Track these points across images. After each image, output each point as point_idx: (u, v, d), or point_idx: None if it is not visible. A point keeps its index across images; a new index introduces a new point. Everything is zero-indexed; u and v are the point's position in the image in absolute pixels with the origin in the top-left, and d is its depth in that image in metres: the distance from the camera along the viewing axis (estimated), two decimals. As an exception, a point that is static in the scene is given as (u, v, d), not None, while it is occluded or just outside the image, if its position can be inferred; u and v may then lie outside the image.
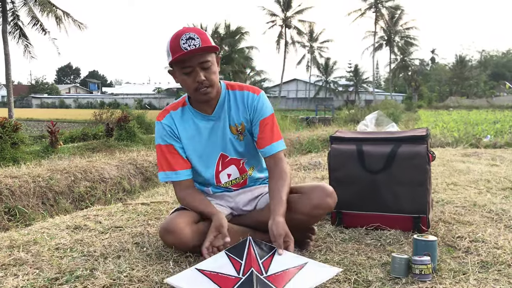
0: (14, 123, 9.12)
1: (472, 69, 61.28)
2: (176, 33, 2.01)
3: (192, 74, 1.99)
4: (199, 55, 1.97)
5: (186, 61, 1.97)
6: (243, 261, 1.80)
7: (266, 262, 1.81)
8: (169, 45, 2.01)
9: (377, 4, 47.62)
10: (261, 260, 1.82)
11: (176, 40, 1.97)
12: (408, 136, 2.52)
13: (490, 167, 4.90)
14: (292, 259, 1.85)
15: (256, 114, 2.17)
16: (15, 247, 2.23)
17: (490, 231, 2.38)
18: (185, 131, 2.17)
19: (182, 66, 1.99)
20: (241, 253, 1.86)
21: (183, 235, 2.00)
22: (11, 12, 18.38)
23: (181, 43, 1.95)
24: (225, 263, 1.80)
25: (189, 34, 1.97)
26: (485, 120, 16.57)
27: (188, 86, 2.03)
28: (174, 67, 2.05)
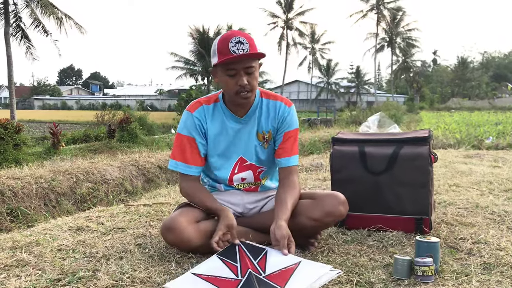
0: (16, 124, 9.13)
1: (474, 71, 61.22)
2: (225, 35, 2.04)
3: (235, 77, 2.02)
4: (245, 60, 2.00)
5: (232, 64, 2.00)
6: (238, 264, 1.80)
7: (261, 263, 1.81)
8: (216, 45, 2.04)
9: (378, 6, 47.58)
10: (256, 261, 1.82)
11: (225, 42, 2.00)
12: (410, 138, 2.52)
13: (492, 169, 4.90)
14: (285, 259, 1.85)
15: (283, 125, 2.23)
16: (18, 248, 2.23)
17: (492, 232, 2.38)
18: (213, 127, 2.19)
19: (227, 68, 2.02)
20: (234, 256, 1.86)
21: (184, 233, 2.00)
22: (13, 14, 18.42)
23: (230, 46, 1.98)
24: (220, 267, 1.80)
25: (238, 38, 1.99)
26: (487, 121, 16.54)
27: (230, 88, 2.05)
28: (218, 67, 2.07)
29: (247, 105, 2.15)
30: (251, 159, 2.24)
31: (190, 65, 34.79)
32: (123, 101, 51.52)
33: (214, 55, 2.05)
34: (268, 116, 2.22)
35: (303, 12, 46.61)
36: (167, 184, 5.67)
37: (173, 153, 2.20)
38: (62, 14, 18.66)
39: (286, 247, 1.89)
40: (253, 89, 2.07)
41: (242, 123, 2.19)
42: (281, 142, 2.23)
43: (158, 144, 10.83)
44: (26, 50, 19.13)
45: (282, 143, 2.23)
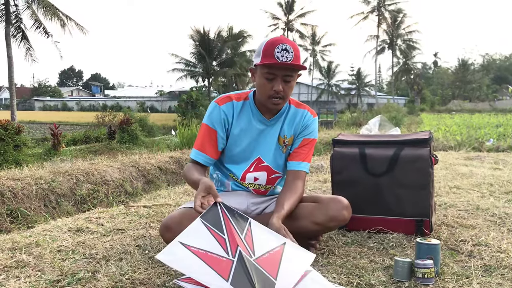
0: (16, 125, 9.14)
1: (474, 73, 61.24)
2: (274, 38, 2.08)
3: (272, 82, 2.04)
4: (286, 68, 2.03)
5: (273, 69, 2.03)
6: (226, 236, 1.74)
7: (248, 239, 1.75)
8: (263, 47, 2.06)
9: (379, 8, 47.63)
10: (242, 235, 1.76)
11: (272, 46, 2.03)
12: (411, 139, 2.52)
13: (493, 171, 4.89)
14: (270, 237, 1.82)
15: (304, 131, 2.26)
16: (17, 249, 2.23)
17: (493, 234, 2.37)
18: (238, 124, 2.20)
19: (267, 71, 2.04)
20: (219, 224, 1.78)
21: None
22: (14, 15, 18.45)
23: (276, 51, 2.00)
24: (208, 238, 1.72)
25: (285, 46, 2.02)
26: (488, 123, 16.55)
27: (264, 91, 2.08)
28: (258, 67, 2.09)
29: (276, 110, 2.18)
30: (268, 160, 2.25)
31: (191, 66, 34.82)
32: (124, 102, 51.53)
33: (258, 55, 2.08)
34: (293, 122, 2.25)
35: (304, 14, 46.67)
36: (167, 185, 5.67)
37: (197, 142, 2.22)
38: (63, 16, 18.69)
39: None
40: (286, 97, 2.10)
41: (267, 125, 2.22)
42: (298, 146, 2.26)
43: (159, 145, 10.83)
44: (25, 51, 19.15)
45: (298, 147, 2.25)
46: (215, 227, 1.75)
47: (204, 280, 1.58)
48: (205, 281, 1.57)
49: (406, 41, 51.28)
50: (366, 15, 47.80)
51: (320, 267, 1.94)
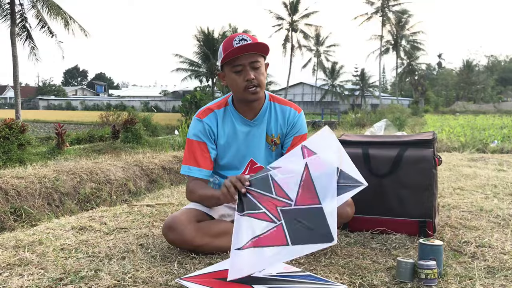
0: (21, 124, 9.16)
1: (479, 74, 61.03)
2: (229, 36, 2.12)
3: (242, 73, 2.06)
4: (250, 55, 2.05)
5: (237, 60, 2.04)
6: (264, 209, 1.78)
7: (279, 191, 1.79)
8: (222, 46, 2.09)
9: (383, 8, 47.56)
10: (273, 194, 1.80)
11: (229, 41, 2.07)
12: (415, 140, 2.51)
13: (497, 172, 4.87)
14: (292, 168, 1.82)
15: (292, 130, 2.27)
16: (21, 247, 2.23)
17: (497, 236, 2.36)
18: (223, 132, 2.21)
19: (233, 64, 2.06)
20: (253, 204, 1.80)
21: (185, 232, 2.00)
22: (19, 14, 18.51)
23: (234, 44, 2.04)
24: (253, 224, 1.77)
25: (242, 36, 2.07)
26: (492, 125, 16.49)
27: (238, 85, 2.08)
28: (225, 67, 2.11)
29: (257, 103, 2.18)
30: (260, 161, 2.26)
31: (195, 66, 34.82)
32: (128, 102, 51.63)
33: (220, 56, 2.09)
34: (277, 120, 2.25)
35: (308, 15, 46.60)
36: (170, 184, 5.68)
37: (185, 159, 2.20)
38: (67, 16, 18.74)
39: None
40: (261, 84, 2.09)
41: (251, 125, 2.22)
42: (290, 145, 2.26)
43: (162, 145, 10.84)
44: (30, 51, 19.20)
45: (291, 146, 2.25)
46: (252, 210, 1.79)
47: (274, 260, 1.69)
48: (275, 259, 1.68)
49: (410, 42, 51.18)
50: (370, 16, 47.76)
51: (322, 267, 1.93)
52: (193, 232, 2.01)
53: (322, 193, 1.72)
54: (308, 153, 1.79)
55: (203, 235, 2.02)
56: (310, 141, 1.83)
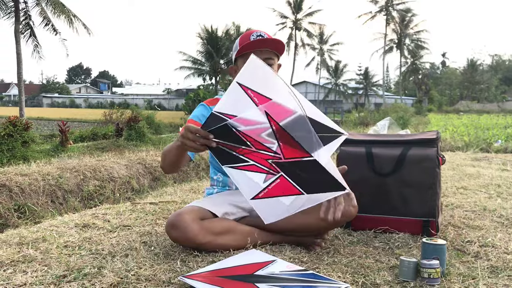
0: (25, 122, 9.20)
1: (483, 73, 60.84)
2: (246, 32, 2.17)
3: None
4: (266, 52, 2.07)
5: (254, 53, 2.01)
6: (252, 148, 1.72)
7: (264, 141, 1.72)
8: (238, 40, 2.12)
9: (387, 7, 47.47)
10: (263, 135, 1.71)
11: (247, 35, 2.10)
12: (418, 139, 2.51)
13: (501, 172, 4.86)
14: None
15: None
16: (24, 244, 2.24)
17: (500, 236, 2.36)
18: None
19: (247, 58, 2.01)
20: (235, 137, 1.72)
21: (188, 230, 2.00)
22: (23, 12, 18.56)
23: (251, 38, 2.07)
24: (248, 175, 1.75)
25: (259, 33, 2.10)
26: (496, 124, 16.44)
27: None
28: (239, 60, 2.12)
29: None
30: None
31: (198, 64, 34.86)
32: (131, 100, 51.71)
33: (235, 49, 2.12)
34: None
35: (312, 13, 46.58)
36: (173, 182, 5.69)
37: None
38: (71, 14, 18.79)
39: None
40: None
41: None
42: None
43: (166, 143, 10.85)
44: (33, 48, 19.26)
45: None
46: (236, 163, 1.76)
47: (296, 207, 1.75)
48: (297, 207, 1.74)
49: (414, 41, 51.07)
50: (374, 14, 47.68)
51: (325, 265, 1.93)
52: (196, 230, 2.01)
53: (306, 144, 1.65)
54: (257, 96, 1.66)
55: (206, 233, 2.02)
56: (244, 77, 1.66)
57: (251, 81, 1.65)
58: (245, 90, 1.65)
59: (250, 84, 1.65)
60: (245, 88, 1.65)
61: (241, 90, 1.65)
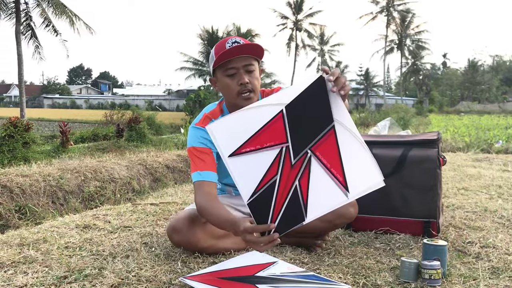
0: (25, 122, 9.20)
1: (484, 74, 60.81)
2: (222, 39, 2.02)
3: (235, 77, 1.96)
4: (244, 58, 1.96)
5: (231, 63, 1.95)
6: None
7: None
8: (213, 50, 2.01)
9: (388, 8, 47.46)
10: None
11: (222, 44, 1.98)
12: (419, 140, 2.50)
13: (502, 173, 4.86)
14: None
15: None
16: (25, 245, 2.24)
17: (501, 236, 2.35)
18: None
19: (226, 68, 1.96)
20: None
21: (191, 235, 1.99)
22: (24, 13, 18.57)
23: (227, 46, 1.95)
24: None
25: (234, 39, 1.99)
26: (497, 125, 16.43)
27: (231, 90, 1.98)
28: (217, 71, 2.00)
29: None
30: None
31: (199, 65, 34.86)
32: (132, 100, 51.68)
33: (212, 60, 2.00)
34: None
35: (312, 14, 46.54)
36: (174, 183, 5.68)
37: (194, 166, 2.04)
38: (72, 14, 18.80)
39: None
40: (255, 89, 1.99)
41: None
42: None
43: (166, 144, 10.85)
44: (34, 49, 19.27)
45: None
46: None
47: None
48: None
49: (415, 41, 51.03)
50: (375, 15, 47.67)
51: (326, 266, 1.93)
52: (198, 234, 2.00)
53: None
54: (251, 144, 1.64)
55: (207, 238, 2.02)
56: (227, 145, 1.65)
57: (234, 139, 1.64)
58: (241, 153, 1.64)
59: (237, 143, 1.64)
60: (238, 153, 1.64)
61: (239, 157, 1.64)
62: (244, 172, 1.63)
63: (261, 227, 1.61)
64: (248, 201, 1.62)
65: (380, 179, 1.68)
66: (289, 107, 1.63)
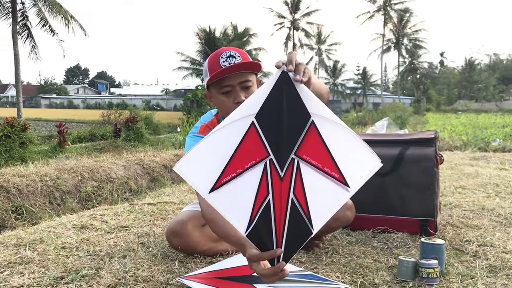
0: (22, 123, 9.17)
1: (481, 73, 60.97)
2: (215, 52, 1.89)
3: (231, 95, 1.83)
4: (240, 75, 1.82)
5: (226, 80, 1.82)
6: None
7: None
8: (207, 64, 1.89)
9: (386, 7, 47.53)
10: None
11: (215, 58, 1.85)
12: (416, 139, 2.51)
13: (499, 171, 4.87)
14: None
15: None
16: (22, 245, 2.23)
17: (498, 235, 2.36)
18: None
19: (221, 85, 1.83)
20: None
21: (190, 238, 1.99)
22: (20, 13, 18.52)
23: (221, 61, 1.83)
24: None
25: (229, 52, 1.85)
26: (494, 124, 16.46)
27: (227, 108, 1.83)
28: (212, 88, 1.89)
29: None
30: None
31: (196, 65, 34.83)
32: (129, 100, 51.61)
33: (206, 75, 1.90)
34: None
35: (309, 13, 46.61)
36: (171, 183, 5.67)
37: None
38: (68, 14, 18.77)
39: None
40: None
41: None
42: None
43: (164, 143, 10.84)
44: (30, 49, 19.23)
45: None
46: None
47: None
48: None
49: (412, 40, 51.12)
50: (372, 14, 47.74)
51: (324, 266, 1.93)
52: (198, 238, 2.00)
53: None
54: (230, 170, 1.46)
55: (206, 241, 2.01)
56: (200, 183, 1.45)
57: (209, 172, 1.44)
58: (222, 184, 1.44)
59: (214, 175, 1.44)
60: (219, 185, 1.44)
61: (221, 190, 1.44)
62: (232, 204, 1.44)
63: (267, 254, 1.43)
64: (246, 233, 1.44)
65: (376, 160, 1.54)
66: (259, 116, 1.44)
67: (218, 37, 33.82)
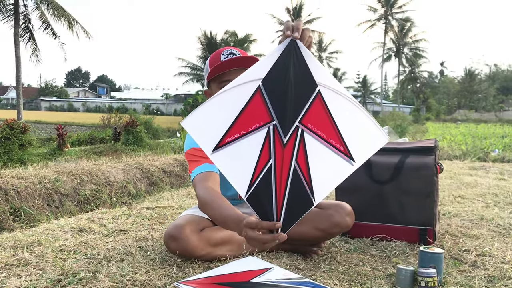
0: (22, 125, 9.16)
1: (481, 83, 61.10)
2: (216, 50, 1.96)
3: None
4: (240, 70, 1.79)
5: (226, 75, 1.89)
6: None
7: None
8: (208, 62, 1.96)
9: (387, 16, 47.69)
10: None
11: (217, 56, 1.93)
12: (416, 147, 2.51)
13: (498, 181, 4.87)
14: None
15: None
16: (19, 247, 2.23)
17: (497, 245, 2.35)
18: None
19: (221, 80, 1.90)
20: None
21: (188, 243, 1.98)
22: (22, 15, 18.58)
23: (222, 58, 1.90)
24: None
25: (230, 50, 1.93)
26: (493, 134, 16.47)
27: None
28: (212, 84, 1.95)
29: None
30: None
31: (197, 70, 34.89)
32: (130, 104, 51.62)
33: (207, 71, 1.96)
34: None
35: (311, 21, 46.75)
36: (170, 187, 5.67)
37: (195, 164, 1.98)
38: (71, 18, 18.82)
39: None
40: None
41: None
42: None
43: (163, 148, 10.83)
44: (32, 52, 19.25)
45: None
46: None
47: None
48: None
49: (412, 50, 51.25)
50: (373, 23, 47.88)
51: (322, 273, 1.93)
52: (196, 242, 1.99)
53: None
54: (231, 133, 1.47)
55: (204, 245, 2.00)
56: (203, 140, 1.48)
57: (213, 131, 1.46)
58: (225, 144, 1.47)
59: (218, 134, 1.46)
60: (222, 144, 1.46)
61: (224, 149, 1.46)
62: (234, 164, 1.46)
63: (266, 223, 1.43)
64: (246, 196, 1.44)
65: (382, 135, 1.51)
66: (265, 81, 1.46)
67: (219, 43, 33.89)
